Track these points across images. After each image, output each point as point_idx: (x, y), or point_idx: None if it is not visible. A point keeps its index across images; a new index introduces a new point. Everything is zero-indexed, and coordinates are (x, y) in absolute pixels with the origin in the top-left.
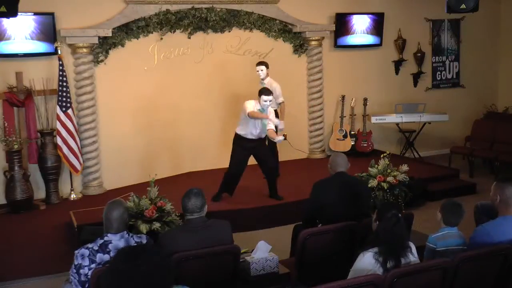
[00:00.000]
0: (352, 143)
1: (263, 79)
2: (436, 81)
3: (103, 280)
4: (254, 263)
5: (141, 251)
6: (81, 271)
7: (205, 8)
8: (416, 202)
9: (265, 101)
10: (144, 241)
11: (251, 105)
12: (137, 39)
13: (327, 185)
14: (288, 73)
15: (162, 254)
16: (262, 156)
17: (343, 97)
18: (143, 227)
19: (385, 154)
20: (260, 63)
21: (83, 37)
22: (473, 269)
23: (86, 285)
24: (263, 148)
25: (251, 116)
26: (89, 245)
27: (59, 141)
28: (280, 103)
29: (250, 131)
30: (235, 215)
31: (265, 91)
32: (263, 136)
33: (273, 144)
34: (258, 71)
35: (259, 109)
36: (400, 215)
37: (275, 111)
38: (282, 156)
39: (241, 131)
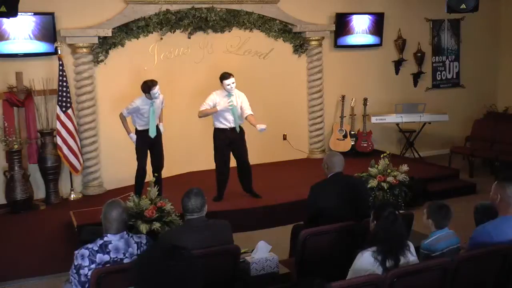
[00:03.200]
0: (352, 143)
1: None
2: (436, 81)
3: (134, 270)
4: (254, 263)
5: (181, 252)
6: (81, 271)
7: (205, 8)
8: (416, 202)
9: (228, 84)
10: (144, 241)
11: (209, 99)
12: (137, 39)
13: (325, 188)
14: (288, 73)
15: (199, 266)
16: (237, 152)
17: (343, 97)
18: (143, 227)
19: (385, 154)
20: (156, 83)
21: (83, 37)
22: (473, 269)
23: (86, 286)
24: (241, 143)
25: (200, 116)
26: (89, 246)
27: (59, 141)
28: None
29: (222, 121)
30: (235, 215)
31: (225, 75)
32: (241, 123)
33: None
34: (157, 92)
35: (226, 95)
36: (397, 213)
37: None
38: (282, 156)
39: (217, 125)
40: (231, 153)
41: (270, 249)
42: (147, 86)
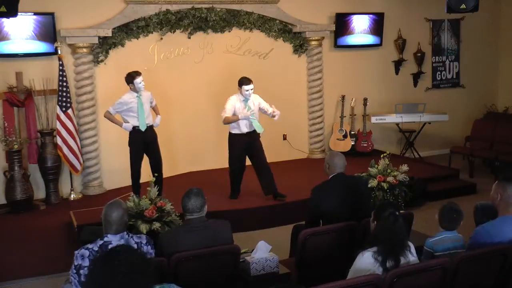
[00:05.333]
0: (352, 143)
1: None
2: (436, 81)
3: (87, 284)
4: (254, 263)
5: (119, 252)
6: (81, 271)
7: (205, 8)
8: (416, 202)
9: (247, 90)
10: (144, 241)
11: (230, 105)
12: (137, 39)
13: (327, 190)
14: (288, 73)
15: (141, 253)
16: (256, 155)
17: (343, 97)
18: (143, 227)
19: (385, 154)
20: (140, 73)
21: (83, 37)
22: (473, 269)
23: None
24: (258, 146)
25: (225, 123)
26: (89, 246)
27: (59, 141)
28: (154, 105)
29: (238, 127)
30: (235, 215)
31: (245, 80)
32: (262, 131)
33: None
34: (140, 82)
35: (243, 100)
36: (397, 213)
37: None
38: (282, 156)
39: (233, 130)
40: (245, 155)
41: (270, 249)
42: (131, 77)
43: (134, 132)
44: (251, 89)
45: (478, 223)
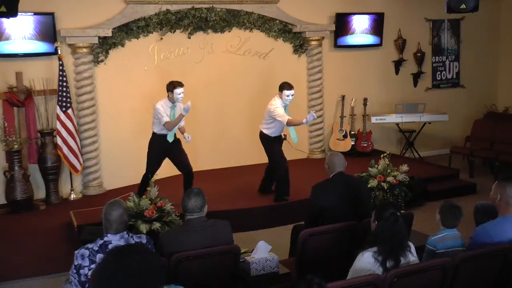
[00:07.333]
0: (352, 143)
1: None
2: (436, 81)
3: (95, 280)
4: (254, 263)
5: (131, 250)
6: (81, 271)
7: (205, 8)
8: (416, 202)
9: (288, 95)
10: (144, 241)
11: (281, 109)
12: (137, 39)
13: (327, 188)
14: (288, 73)
15: (152, 252)
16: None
17: (343, 97)
18: (143, 227)
19: (385, 154)
20: (183, 85)
21: (83, 37)
22: (473, 269)
23: (86, 286)
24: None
25: (290, 125)
26: (89, 246)
27: (59, 141)
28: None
29: (278, 130)
30: (235, 215)
31: (286, 86)
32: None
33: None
34: (180, 94)
35: (283, 106)
36: (398, 213)
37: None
38: None
39: (271, 134)
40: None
41: (270, 249)
42: (172, 85)
43: (159, 137)
44: (292, 95)
45: (478, 223)
